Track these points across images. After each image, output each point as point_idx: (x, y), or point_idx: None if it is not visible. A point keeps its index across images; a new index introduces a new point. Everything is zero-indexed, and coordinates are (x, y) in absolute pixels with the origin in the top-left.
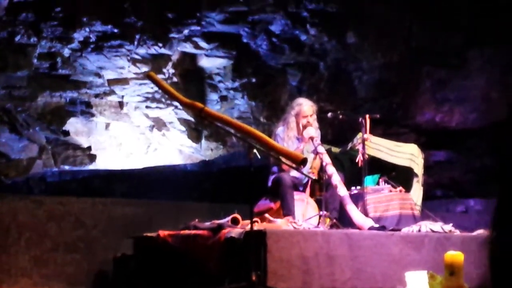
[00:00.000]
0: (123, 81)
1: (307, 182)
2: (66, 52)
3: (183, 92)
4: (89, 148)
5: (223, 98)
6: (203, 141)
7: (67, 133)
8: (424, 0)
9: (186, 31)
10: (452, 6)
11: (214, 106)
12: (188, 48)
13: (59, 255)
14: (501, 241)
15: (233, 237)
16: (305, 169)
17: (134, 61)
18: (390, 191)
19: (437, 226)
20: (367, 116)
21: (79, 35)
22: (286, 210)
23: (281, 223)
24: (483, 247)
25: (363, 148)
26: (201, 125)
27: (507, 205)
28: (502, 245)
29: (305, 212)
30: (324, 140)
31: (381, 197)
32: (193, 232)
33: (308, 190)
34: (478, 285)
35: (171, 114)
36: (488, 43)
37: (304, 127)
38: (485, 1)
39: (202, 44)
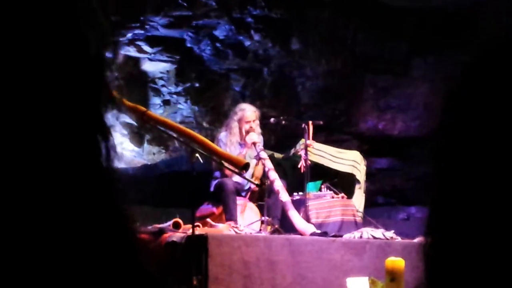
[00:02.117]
0: None
1: (249, 187)
2: None
3: (125, 96)
4: None
5: (166, 103)
6: (145, 145)
7: None
8: (369, 8)
9: (129, 35)
10: (397, 15)
11: (157, 110)
12: (132, 51)
13: None
14: (437, 248)
15: (175, 241)
16: (248, 174)
17: None
18: (332, 197)
19: (379, 232)
20: (310, 122)
21: None
22: (229, 215)
23: (223, 228)
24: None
25: (306, 154)
26: (143, 129)
27: (441, 211)
28: (439, 251)
29: (247, 217)
30: (266, 146)
31: (323, 203)
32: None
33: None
34: None
35: (113, 117)
36: (431, 52)
37: (247, 132)
38: (428, 12)
39: (146, 48)
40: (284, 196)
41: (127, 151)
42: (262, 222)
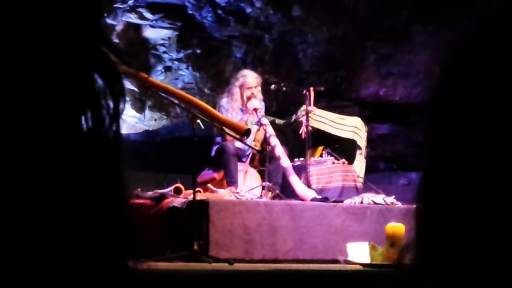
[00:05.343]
0: None
1: (250, 153)
2: None
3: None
4: None
5: (167, 69)
6: (146, 111)
7: None
8: None
9: (131, 2)
10: None
11: (158, 76)
12: (133, 18)
13: None
14: (428, 215)
15: (176, 206)
16: (249, 140)
17: None
18: (333, 163)
19: (379, 198)
20: (311, 88)
21: None
22: (229, 178)
23: (224, 193)
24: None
25: (307, 120)
26: (145, 95)
27: (434, 178)
28: (430, 218)
29: (248, 183)
30: (268, 112)
31: (324, 169)
32: (135, 201)
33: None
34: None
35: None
36: (432, 20)
37: (248, 98)
38: None
39: (147, 14)
40: (285, 162)
41: (129, 117)
42: (263, 187)
